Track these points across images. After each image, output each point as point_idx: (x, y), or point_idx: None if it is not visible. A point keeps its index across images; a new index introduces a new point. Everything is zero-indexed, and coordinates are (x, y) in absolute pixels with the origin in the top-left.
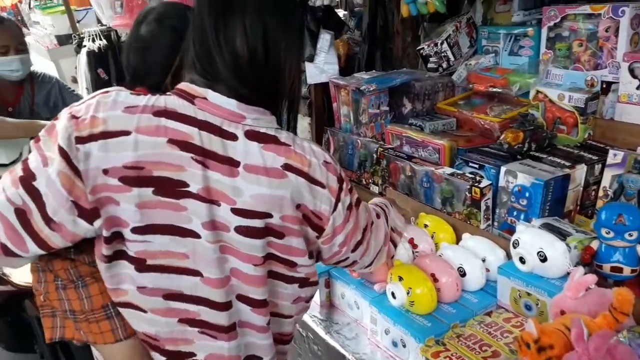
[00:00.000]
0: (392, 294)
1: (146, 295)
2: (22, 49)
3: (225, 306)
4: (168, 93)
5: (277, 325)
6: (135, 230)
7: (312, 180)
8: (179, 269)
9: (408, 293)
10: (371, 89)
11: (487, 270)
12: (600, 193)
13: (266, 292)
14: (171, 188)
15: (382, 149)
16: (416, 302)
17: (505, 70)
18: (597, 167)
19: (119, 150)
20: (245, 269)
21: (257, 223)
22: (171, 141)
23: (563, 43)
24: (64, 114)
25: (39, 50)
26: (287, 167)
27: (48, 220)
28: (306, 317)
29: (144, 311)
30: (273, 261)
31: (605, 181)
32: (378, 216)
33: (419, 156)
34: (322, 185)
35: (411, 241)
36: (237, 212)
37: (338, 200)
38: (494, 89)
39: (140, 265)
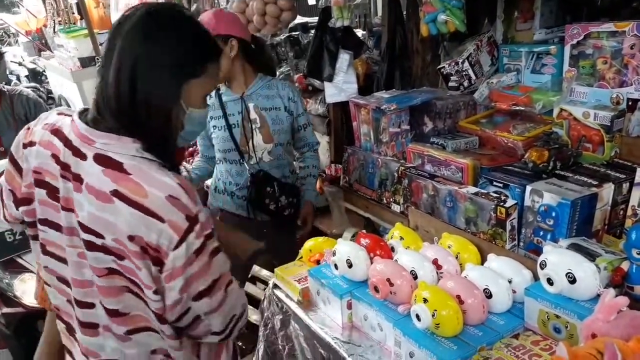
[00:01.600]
0: (417, 316)
1: (48, 274)
2: None
3: (85, 305)
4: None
5: (152, 339)
6: (40, 221)
7: (147, 212)
8: (62, 259)
9: (433, 315)
10: (392, 107)
11: (514, 291)
12: (629, 212)
13: (120, 303)
14: (53, 193)
15: (403, 168)
16: (442, 325)
17: (527, 88)
18: (625, 185)
19: (34, 157)
20: (95, 278)
21: (93, 239)
22: (52, 155)
23: (587, 60)
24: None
25: (63, 73)
26: (116, 193)
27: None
28: (327, 339)
29: (49, 285)
30: (122, 277)
31: (634, 200)
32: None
33: (441, 175)
34: (161, 219)
35: (435, 262)
36: (80, 224)
37: (183, 239)
38: (517, 107)
39: (43, 249)
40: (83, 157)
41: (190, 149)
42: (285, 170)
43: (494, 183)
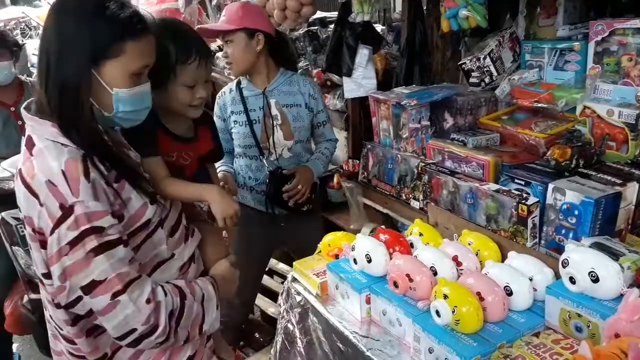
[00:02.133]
0: (437, 312)
1: None
2: None
3: None
4: None
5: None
6: None
7: (32, 192)
8: None
9: (453, 312)
10: (412, 103)
11: (535, 289)
12: None
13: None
14: None
15: (423, 164)
16: (462, 321)
17: (550, 85)
18: None
19: None
20: None
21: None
22: None
23: (611, 57)
24: None
25: None
26: (19, 172)
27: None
28: (346, 333)
29: None
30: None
31: None
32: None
33: (462, 172)
34: (40, 202)
35: (455, 259)
36: None
37: (55, 227)
38: (539, 104)
39: None
40: (24, 137)
41: None
42: None
43: (516, 180)
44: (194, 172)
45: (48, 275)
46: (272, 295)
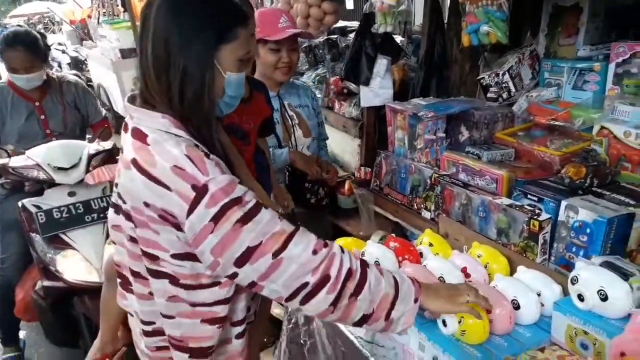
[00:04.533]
0: (443, 322)
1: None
2: (29, 69)
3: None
4: None
5: (156, 318)
6: None
7: (156, 181)
8: None
9: (460, 322)
10: (429, 115)
11: (542, 305)
12: None
13: (140, 267)
14: None
15: (437, 175)
16: (468, 332)
17: (568, 104)
18: None
19: None
20: (125, 242)
21: (120, 203)
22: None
23: (631, 80)
24: None
25: (104, 62)
26: (134, 162)
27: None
28: (351, 337)
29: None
30: (136, 246)
31: None
32: (364, 275)
33: (475, 185)
34: (168, 188)
35: (464, 270)
36: (117, 191)
37: (193, 208)
38: (556, 122)
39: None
40: (126, 129)
41: None
42: None
43: (529, 196)
44: (254, 146)
45: (179, 257)
46: None
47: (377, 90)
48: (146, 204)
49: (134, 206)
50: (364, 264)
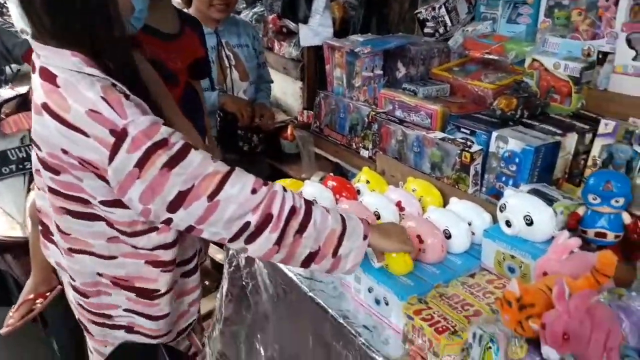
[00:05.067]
0: (370, 258)
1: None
2: None
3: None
4: None
5: (93, 263)
6: None
7: (71, 127)
8: None
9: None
10: (366, 51)
11: (473, 233)
12: (589, 162)
13: (62, 222)
14: None
15: (374, 113)
16: (390, 266)
17: (502, 38)
18: (588, 136)
19: None
20: (47, 191)
21: (37, 151)
22: None
23: (562, 11)
24: None
25: None
26: (45, 106)
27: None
28: (290, 275)
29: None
30: (59, 197)
31: (595, 150)
32: (308, 213)
33: (410, 121)
34: (85, 134)
35: (399, 204)
36: (32, 138)
37: (114, 153)
38: (490, 56)
39: None
40: (34, 69)
41: None
42: None
43: (462, 130)
44: (183, 88)
45: (112, 204)
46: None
47: (317, 28)
48: (64, 151)
49: (51, 153)
50: (309, 202)
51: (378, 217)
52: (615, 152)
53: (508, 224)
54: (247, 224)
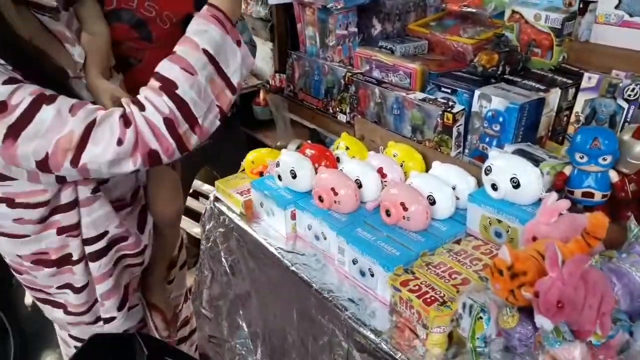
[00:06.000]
0: None
1: None
2: None
3: None
4: None
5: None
6: None
7: None
8: None
9: None
10: (339, 6)
11: (457, 198)
12: (572, 118)
13: None
14: None
15: (350, 74)
16: None
17: None
18: (571, 91)
19: None
20: None
21: None
22: None
23: None
24: None
25: None
26: None
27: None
28: (271, 249)
29: None
30: None
31: (578, 106)
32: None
33: (389, 81)
34: None
35: (380, 171)
36: None
37: None
38: (468, 9)
39: None
40: None
41: None
42: None
43: (442, 89)
44: (161, 51)
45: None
46: (197, 217)
47: None
48: None
49: None
50: (170, 92)
51: (360, 185)
52: (599, 106)
53: (494, 187)
54: (135, 170)
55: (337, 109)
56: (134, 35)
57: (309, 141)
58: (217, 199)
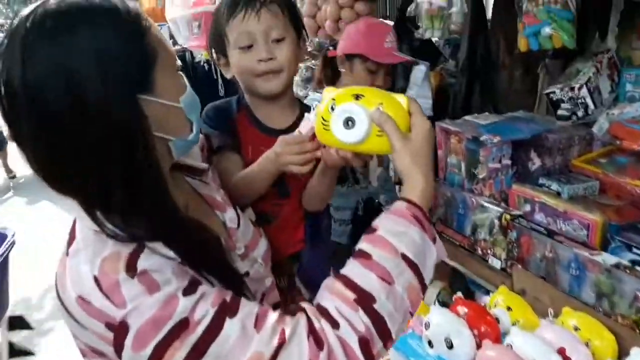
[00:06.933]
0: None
1: None
2: None
3: None
4: None
5: None
6: None
7: (67, 312)
8: None
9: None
10: (494, 140)
11: None
12: None
13: None
14: None
15: (509, 217)
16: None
17: None
18: None
19: None
20: None
21: None
22: None
23: None
24: None
25: None
26: (55, 276)
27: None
28: None
29: None
30: None
31: None
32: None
33: (558, 230)
34: (82, 326)
35: (562, 351)
36: None
37: (119, 349)
38: None
39: None
40: None
41: None
42: None
43: (633, 250)
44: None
45: None
46: None
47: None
48: (73, 335)
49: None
50: (367, 307)
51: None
52: None
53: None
54: None
55: (489, 252)
56: (273, 190)
57: (460, 293)
58: None
